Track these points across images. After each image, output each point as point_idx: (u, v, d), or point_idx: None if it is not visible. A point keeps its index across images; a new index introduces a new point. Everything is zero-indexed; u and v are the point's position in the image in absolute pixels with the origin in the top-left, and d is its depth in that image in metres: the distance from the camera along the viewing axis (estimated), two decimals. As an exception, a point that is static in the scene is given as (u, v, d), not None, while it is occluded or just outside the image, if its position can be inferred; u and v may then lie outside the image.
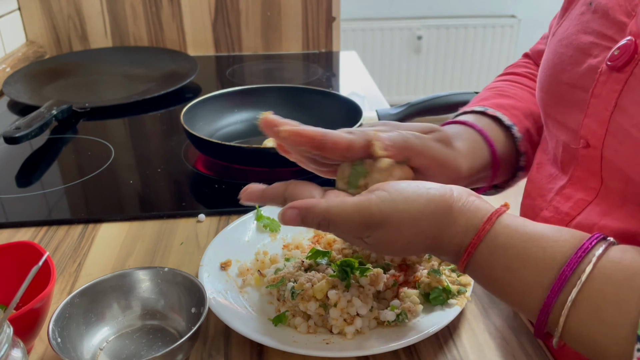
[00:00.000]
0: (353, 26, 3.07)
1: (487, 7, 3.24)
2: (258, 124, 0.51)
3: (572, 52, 0.55)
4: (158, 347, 0.54)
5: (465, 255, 0.45)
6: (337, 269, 0.57)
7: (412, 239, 0.46)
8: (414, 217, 0.45)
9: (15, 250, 0.57)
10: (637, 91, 0.47)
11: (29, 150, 0.98)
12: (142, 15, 1.45)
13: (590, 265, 0.41)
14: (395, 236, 0.46)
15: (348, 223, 0.46)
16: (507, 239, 0.44)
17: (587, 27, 0.55)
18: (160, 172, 0.89)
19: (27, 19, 1.42)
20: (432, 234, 0.46)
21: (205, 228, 0.74)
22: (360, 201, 0.46)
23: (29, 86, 1.23)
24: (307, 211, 0.46)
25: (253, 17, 1.47)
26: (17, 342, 0.42)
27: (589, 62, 0.53)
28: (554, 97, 0.59)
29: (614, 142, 0.50)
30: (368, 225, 0.45)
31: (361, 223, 0.45)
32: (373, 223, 0.45)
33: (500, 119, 0.66)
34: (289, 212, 0.46)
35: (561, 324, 0.41)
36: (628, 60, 0.48)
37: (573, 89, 0.55)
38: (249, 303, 0.59)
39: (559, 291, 0.41)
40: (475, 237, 0.45)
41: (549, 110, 0.60)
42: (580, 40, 0.55)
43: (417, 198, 0.46)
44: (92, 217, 0.77)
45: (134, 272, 0.57)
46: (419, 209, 0.45)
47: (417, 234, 0.46)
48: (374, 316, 0.55)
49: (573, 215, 0.56)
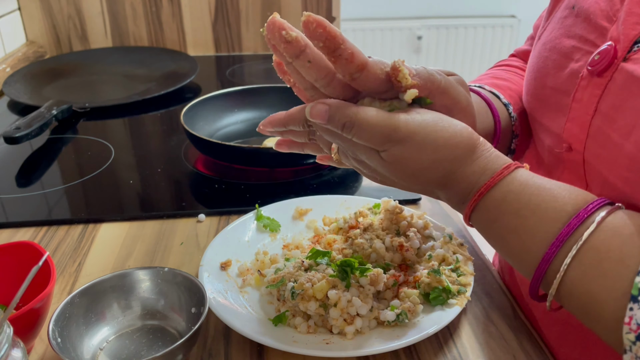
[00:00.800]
0: (353, 26, 3.07)
1: (487, 7, 3.24)
2: (265, 26, 0.45)
3: (556, 57, 0.56)
4: (158, 347, 0.54)
5: (477, 196, 0.46)
6: (337, 269, 0.57)
7: (428, 165, 0.46)
8: (437, 143, 0.45)
9: (15, 250, 0.57)
10: (616, 96, 0.48)
11: (29, 150, 0.98)
12: (142, 15, 1.45)
13: (598, 217, 0.41)
14: (413, 156, 0.46)
15: (373, 130, 0.45)
16: (521, 186, 0.45)
17: (569, 31, 0.55)
18: (160, 172, 0.89)
19: (27, 19, 1.42)
20: (449, 166, 0.46)
21: (205, 228, 0.74)
22: (390, 114, 0.45)
23: (29, 86, 1.23)
24: (337, 109, 0.45)
25: (253, 17, 1.47)
26: (17, 342, 0.42)
27: (571, 66, 0.53)
28: (539, 101, 0.59)
29: (595, 147, 0.50)
30: (391, 137, 0.45)
31: (385, 134, 0.45)
32: (396, 136, 0.45)
33: (498, 96, 0.66)
34: (319, 106, 0.46)
35: (558, 279, 0.41)
36: (608, 65, 0.48)
37: (556, 93, 0.55)
38: (249, 303, 0.59)
39: (563, 240, 0.41)
40: (491, 180, 0.45)
41: (534, 114, 0.61)
42: (563, 44, 0.55)
43: (446, 127, 0.46)
44: (92, 217, 0.77)
45: (134, 272, 0.57)
46: (445, 137, 0.45)
47: (434, 161, 0.46)
48: (374, 316, 0.55)
49: None
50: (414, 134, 0.45)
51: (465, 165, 0.46)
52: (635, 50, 0.47)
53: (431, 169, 0.46)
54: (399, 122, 0.45)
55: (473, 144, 0.46)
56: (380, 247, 0.61)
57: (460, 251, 0.63)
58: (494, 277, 0.65)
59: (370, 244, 0.61)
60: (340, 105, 0.45)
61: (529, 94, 0.61)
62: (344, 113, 0.45)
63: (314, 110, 0.46)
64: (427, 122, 0.46)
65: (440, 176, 0.47)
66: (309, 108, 0.46)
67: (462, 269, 0.60)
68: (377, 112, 0.45)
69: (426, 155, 0.45)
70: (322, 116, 0.46)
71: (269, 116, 0.53)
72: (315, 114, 0.46)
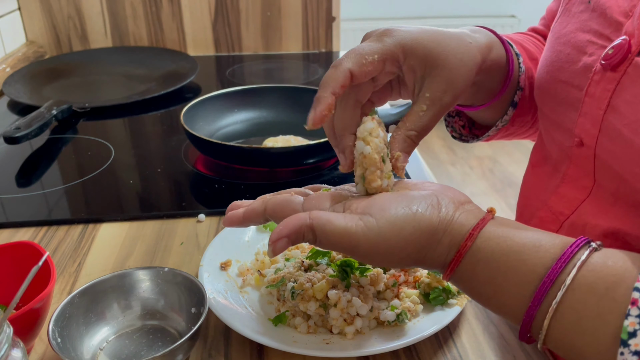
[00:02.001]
0: (353, 26, 3.07)
1: (487, 7, 3.24)
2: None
3: (570, 50, 0.55)
4: (158, 347, 0.54)
5: (449, 271, 0.46)
6: (337, 269, 0.57)
7: (397, 261, 0.46)
8: (400, 245, 0.45)
9: (15, 250, 0.57)
10: (629, 91, 0.47)
11: (29, 150, 0.98)
12: (142, 15, 1.45)
13: (570, 277, 0.40)
14: (382, 258, 0.46)
15: (335, 244, 0.45)
16: (488, 254, 0.44)
17: (585, 25, 0.54)
18: (160, 172, 0.89)
19: (27, 19, 1.42)
20: (418, 255, 0.46)
21: (205, 228, 0.74)
22: (347, 227, 0.45)
23: (29, 86, 1.23)
24: (295, 235, 0.45)
25: (253, 17, 1.47)
26: (17, 342, 0.42)
27: (585, 60, 0.53)
28: (550, 95, 0.58)
29: (606, 142, 0.50)
30: (355, 250, 0.45)
31: (348, 248, 0.45)
32: (360, 250, 0.45)
33: (511, 45, 0.61)
34: (279, 243, 0.45)
35: (544, 332, 0.41)
36: (622, 59, 0.48)
37: (569, 87, 0.54)
38: (249, 303, 0.59)
39: (539, 302, 0.41)
40: (457, 255, 0.45)
41: (544, 109, 0.60)
42: (577, 39, 0.54)
43: (405, 225, 0.45)
44: (92, 217, 0.77)
45: (134, 272, 0.57)
46: (406, 237, 0.45)
47: (403, 257, 0.46)
48: (374, 316, 0.55)
49: (567, 214, 0.56)
50: (376, 245, 0.44)
51: (433, 249, 0.45)
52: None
53: (401, 262, 0.46)
54: (358, 236, 0.44)
55: (434, 229, 0.45)
56: None
57: (460, 251, 0.63)
58: (494, 277, 0.65)
59: None
60: (296, 228, 0.45)
61: (541, 88, 0.60)
62: (303, 232, 0.45)
63: (277, 249, 0.45)
64: (385, 229, 0.45)
65: (413, 261, 0.47)
66: (270, 251, 0.45)
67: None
68: (334, 227, 0.44)
69: (393, 257, 0.45)
70: (287, 247, 0.45)
71: (229, 213, 0.51)
72: (279, 249, 0.45)
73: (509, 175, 3.01)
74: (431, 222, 0.45)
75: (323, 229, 0.44)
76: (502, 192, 2.88)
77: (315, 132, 0.96)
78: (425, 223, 0.45)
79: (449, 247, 0.45)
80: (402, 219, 0.45)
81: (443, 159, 3.20)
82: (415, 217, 0.45)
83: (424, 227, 0.45)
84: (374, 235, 0.44)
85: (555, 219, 0.57)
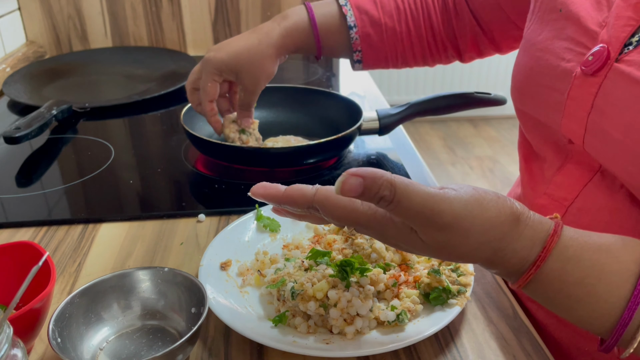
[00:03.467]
0: (353, 26, 3.07)
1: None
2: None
3: (549, 57, 0.58)
4: (158, 347, 0.54)
5: (533, 269, 0.42)
6: (336, 269, 0.57)
7: (475, 247, 0.42)
8: (484, 227, 0.42)
9: (15, 250, 0.57)
10: (612, 94, 0.50)
11: (29, 150, 0.98)
12: (142, 15, 1.45)
13: None
14: (460, 242, 0.42)
15: (413, 208, 0.40)
16: (578, 250, 0.42)
17: (561, 34, 0.58)
18: (160, 172, 0.89)
19: (27, 19, 1.42)
20: (497, 245, 0.43)
21: (205, 228, 0.74)
22: (432, 191, 0.41)
23: (29, 86, 1.23)
24: (373, 180, 0.40)
25: (253, 17, 1.47)
26: (17, 342, 0.42)
27: (563, 65, 0.56)
28: (531, 97, 0.62)
29: (593, 141, 0.53)
30: (433, 221, 0.41)
31: (427, 216, 0.41)
32: (440, 222, 0.41)
33: (347, 18, 0.83)
34: (352, 179, 0.40)
35: (638, 339, 0.40)
36: (601, 65, 0.51)
37: (550, 91, 0.58)
38: (249, 303, 0.59)
39: (638, 302, 0.39)
40: (544, 250, 0.42)
41: (524, 109, 0.64)
42: (555, 46, 0.58)
43: (489, 206, 0.42)
44: (92, 217, 0.77)
45: (134, 272, 0.57)
46: (491, 218, 0.42)
47: (482, 243, 0.42)
48: (374, 316, 0.55)
49: (571, 199, 0.58)
50: (459, 219, 0.41)
51: (513, 240, 0.43)
52: (626, 52, 0.50)
53: (479, 250, 0.43)
54: (442, 204, 0.41)
55: (516, 218, 0.43)
56: (380, 247, 0.61)
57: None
58: (494, 277, 0.65)
59: (370, 243, 0.61)
60: (376, 177, 0.40)
61: (521, 92, 0.63)
62: (382, 184, 0.40)
63: (346, 185, 0.40)
64: (471, 203, 0.42)
65: (489, 255, 0.43)
66: (341, 183, 0.40)
67: (462, 269, 0.60)
68: (418, 188, 0.41)
69: (473, 238, 0.42)
70: (356, 190, 0.40)
71: (262, 185, 0.48)
72: (347, 189, 0.40)
73: (509, 175, 3.01)
74: (513, 210, 0.43)
75: (405, 188, 0.40)
76: (502, 192, 2.81)
77: (315, 132, 0.96)
78: (508, 209, 0.43)
79: (532, 241, 0.43)
80: (488, 199, 0.42)
81: (443, 159, 3.20)
82: (498, 202, 0.43)
83: (508, 212, 0.43)
84: (460, 207, 0.41)
85: (559, 205, 0.59)
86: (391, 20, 0.83)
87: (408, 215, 0.41)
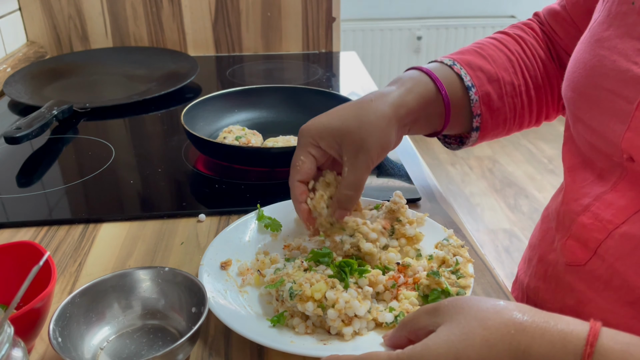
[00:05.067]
0: (353, 26, 3.07)
1: (487, 7, 3.24)
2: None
3: (616, 57, 0.51)
4: (158, 346, 0.54)
5: None
6: (335, 269, 0.57)
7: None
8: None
9: (16, 250, 0.57)
10: None
11: (29, 150, 0.98)
12: (142, 15, 1.45)
13: None
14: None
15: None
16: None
17: (633, 31, 0.50)
18: (161, 172, 0.89)
19: (27, 19, 1.43)
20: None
21: (206, 228, 0.74)
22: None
23: (30, 86, 1.23)
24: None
25: (253, 17, 1.48)
26: (17, 341, 0.42)
27: (635, 70, 0.48)
28: (588, 101, 0.55)
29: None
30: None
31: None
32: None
33: (462, 78, 0.69)
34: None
35: None
36: None
37: (614, 96, 0.51)
38: (248, 303, 0.59)
39: None
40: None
41: (579, 113, 0.57)
42: (625, 45, 0.50)
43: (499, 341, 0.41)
44: (93, 217, 0.77)
45: (134, 271, 0.57)
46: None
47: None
48: (372, 317, 0.55)
49: (617, 224, 0.52)
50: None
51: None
52: None
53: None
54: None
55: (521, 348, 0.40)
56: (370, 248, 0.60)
57: (461, 253, 0.62)
58: (494, 279, 0.65)
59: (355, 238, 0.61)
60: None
61: (576, 91, 0.57)
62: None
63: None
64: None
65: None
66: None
67: (462, 271, 0.59)
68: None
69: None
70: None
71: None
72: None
73: (509, 175, 3.01)
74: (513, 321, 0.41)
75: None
76: (502, 192, 2.88)
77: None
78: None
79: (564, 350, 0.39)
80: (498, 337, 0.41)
81: (443, 159, 3.20)
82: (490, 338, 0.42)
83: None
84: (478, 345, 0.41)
85: (603, 227, 0.53)
86: (507, 74, 0.71)
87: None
